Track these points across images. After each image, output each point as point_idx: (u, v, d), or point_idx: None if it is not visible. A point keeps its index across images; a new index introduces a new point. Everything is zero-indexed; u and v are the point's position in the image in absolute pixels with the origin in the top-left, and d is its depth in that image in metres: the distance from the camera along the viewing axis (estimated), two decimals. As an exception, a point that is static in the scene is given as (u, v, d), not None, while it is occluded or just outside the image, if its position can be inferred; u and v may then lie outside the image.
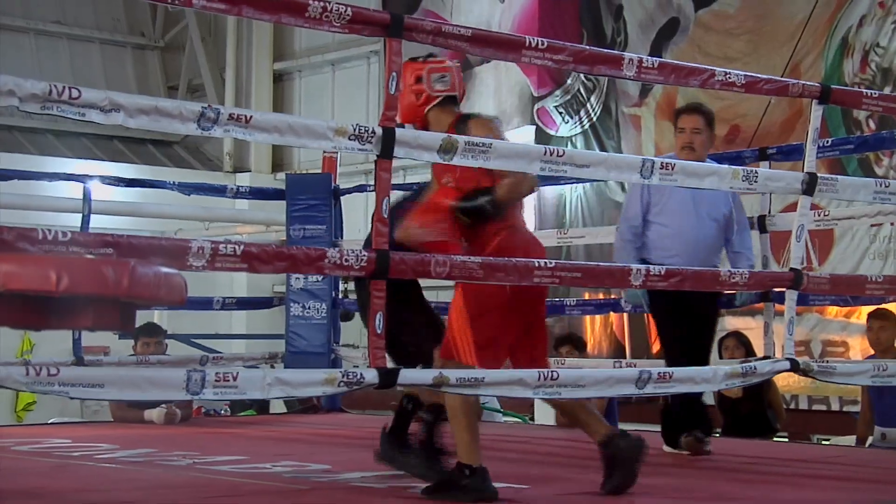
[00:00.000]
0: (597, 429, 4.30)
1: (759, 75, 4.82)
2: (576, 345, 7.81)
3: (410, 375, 3.90)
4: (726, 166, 4.76)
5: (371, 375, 3.76)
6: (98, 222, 7.91)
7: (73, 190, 8.22)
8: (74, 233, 3.35)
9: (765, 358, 5.13)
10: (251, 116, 3.65)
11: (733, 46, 10.35)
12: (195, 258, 3.54)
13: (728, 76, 4.61)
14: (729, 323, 8.74)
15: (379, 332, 3.82)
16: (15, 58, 15.43)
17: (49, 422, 9.43)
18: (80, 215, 7.83)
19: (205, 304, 8.53)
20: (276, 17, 3.73)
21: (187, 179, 10.20)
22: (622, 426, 7.74)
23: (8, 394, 12.37)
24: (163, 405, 7.10)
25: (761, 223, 6.36)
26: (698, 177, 4.57)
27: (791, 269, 4.77)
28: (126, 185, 8.64)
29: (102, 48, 16.61)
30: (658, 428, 5.69)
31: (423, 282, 4.57)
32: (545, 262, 4.20)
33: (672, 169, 4.45)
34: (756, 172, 4.67)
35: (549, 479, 4.78)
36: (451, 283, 4.30)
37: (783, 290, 4.82)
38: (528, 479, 4.62)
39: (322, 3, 3.69)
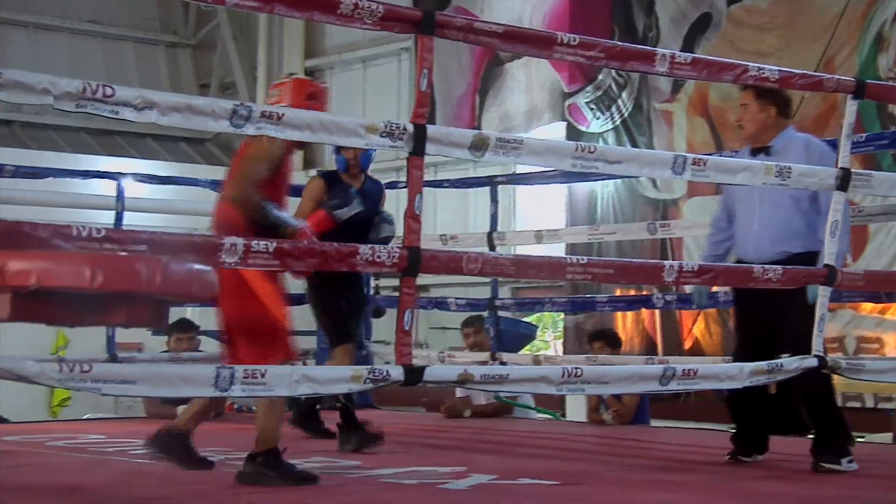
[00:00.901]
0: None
1: (793, 70, 4.79)
2: (608, 341, 7.77)
3: (436, 373, 3.90)
4: (759, 162, 4.73)
5: (397, 372, 3.77)
6: (131, 219, 7.97)
7: (107, 187, 8.27)
8: (108, 230, 3.38)
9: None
10: (283, 114, 3.67)
11: (766, 41, 10.28)
12: (228, 255, 3.56)
13: (762, 71, 4.59)
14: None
15: (407, 328, 3.83)
16: (50, 56, 15.55)
17: (83, 417, 9.49)
18: (114, 212, 7.88)
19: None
20: (308, 14, 3.74)
21: (220, 177, 10.20)
22: (655, 423, 7.78)
23: (43, 390, 12.45)
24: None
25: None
26: (731, 172, 4.55)
27: (825, 265, 4.74)
28: (159, 183, 8.71)
29: (136, 46, 16.72)
30: (687, 425, 5.65)
31: (454, 278, 4.59)
32: (577, 259, 4.21)
33: (704, 165, 4.44)
34: (789, 168, 4.63)
35: (580, 475, 4.77)
36: (484, 279, 4.32)
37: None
38: (559, 475, 4.62)
39: (353, 1, 3.70)
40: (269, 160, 4.41)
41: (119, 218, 7.88)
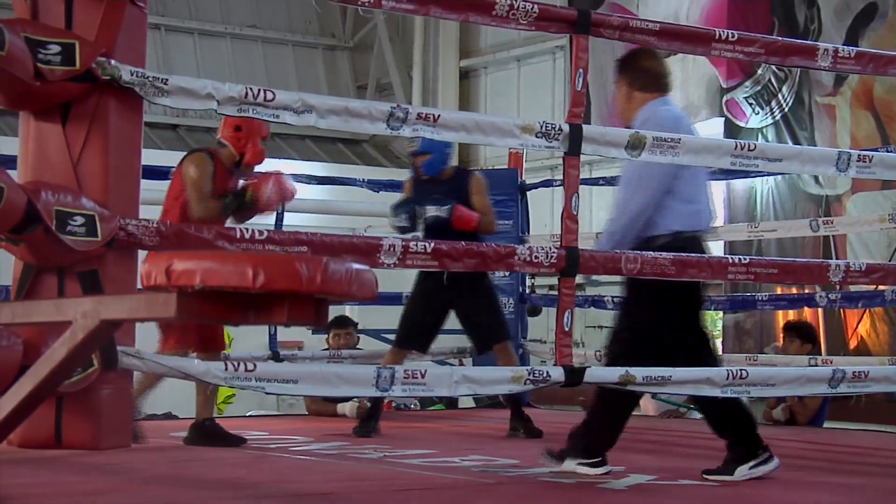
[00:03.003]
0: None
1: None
2: (801, 334, 7.64)
3: (597, 374, 3.88)
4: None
5: (557, 373, 3.76)
6: (291, 219, 8.14)
7: (268, 189, 8.46)
8: (270, 231, 3.47)
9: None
10: (439, 115, 3.70)
11: (937, 31, 9.94)
12: (387, 255, 3.61)
13: (929, 63, 4.45)
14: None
15: (567, 329, 3.82)
16: (213, 61, 15.98)
17: (247, 414, 9.71)
18: (275, 213, 8.05)
19: (394, 299, 8.64)
20: (464, 16, 3.77)
21: (376, 177, 10.35)
22: (830, 424, 7.58)
23: (208, 386, 12.76)
24: (355, 399, 7.25)
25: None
26: (898, 169, 4.43)
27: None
28: (317, 184, 8.87)
29: (295, 50, 17.05)
30: (857, 426, 5.49)
31: (612, 279, 4.55)
32: (739, 258, 4.15)
33: (869, 161, 4.32)
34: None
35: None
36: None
37: None
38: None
39: (509, 1, 3.71)
40: (206, 177, 5.08)
41: (279, 218, 8.06)
